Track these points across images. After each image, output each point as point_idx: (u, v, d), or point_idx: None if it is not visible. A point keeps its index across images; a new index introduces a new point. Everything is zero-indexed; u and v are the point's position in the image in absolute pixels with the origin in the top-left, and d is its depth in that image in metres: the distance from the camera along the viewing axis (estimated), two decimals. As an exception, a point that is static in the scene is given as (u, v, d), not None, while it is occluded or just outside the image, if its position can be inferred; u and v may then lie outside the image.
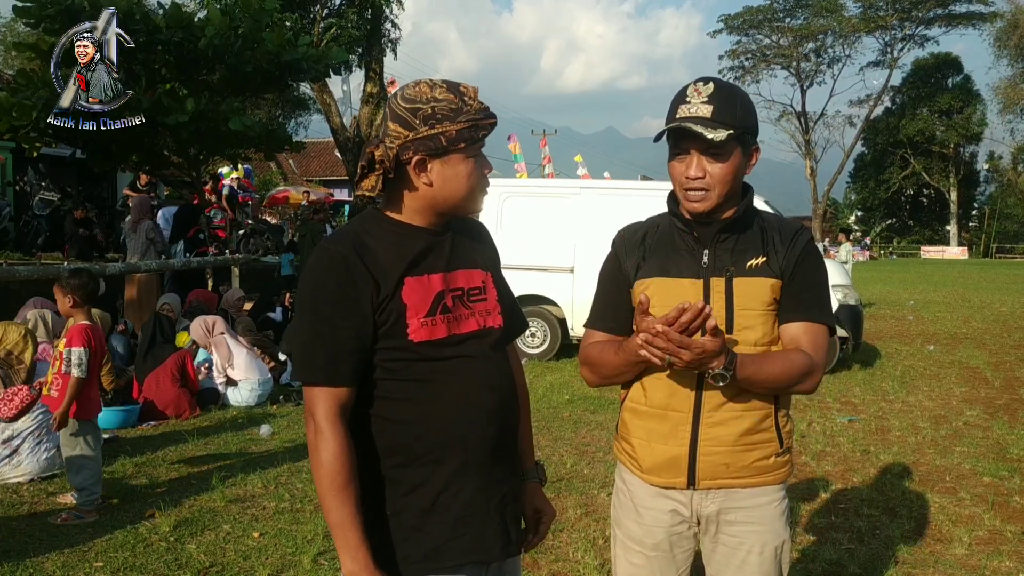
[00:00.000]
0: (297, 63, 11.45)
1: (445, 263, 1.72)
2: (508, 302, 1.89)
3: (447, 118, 1.62)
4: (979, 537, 4.27)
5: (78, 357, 4.30)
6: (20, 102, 9.21)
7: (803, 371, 1.87)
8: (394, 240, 1.68)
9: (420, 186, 1.67)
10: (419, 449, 1.67)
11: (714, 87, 1.85)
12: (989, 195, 63.18)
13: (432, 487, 1.67)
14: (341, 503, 1.58)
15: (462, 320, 1.72)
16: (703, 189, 1.86)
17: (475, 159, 1.69)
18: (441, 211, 1.71)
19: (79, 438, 4.40)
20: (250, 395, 7.32)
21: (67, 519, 4.33)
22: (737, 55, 55.03)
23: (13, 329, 5.33)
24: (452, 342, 1.69)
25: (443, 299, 1.69)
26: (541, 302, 9.80)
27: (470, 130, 1.64)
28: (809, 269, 1.93)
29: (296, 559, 3.84)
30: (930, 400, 7.88)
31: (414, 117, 1.62)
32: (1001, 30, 50.93)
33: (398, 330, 1.63)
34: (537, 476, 1.95)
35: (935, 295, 21.45)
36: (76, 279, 4.51)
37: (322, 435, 1.60)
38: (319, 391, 1.62)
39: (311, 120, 35.88)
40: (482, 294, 1.78)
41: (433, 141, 1.62)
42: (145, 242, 10.47)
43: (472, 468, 1.70)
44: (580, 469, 5.38)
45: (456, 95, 1.65)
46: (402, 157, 1.64)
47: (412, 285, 1.65)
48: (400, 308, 1.63)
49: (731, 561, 1.98)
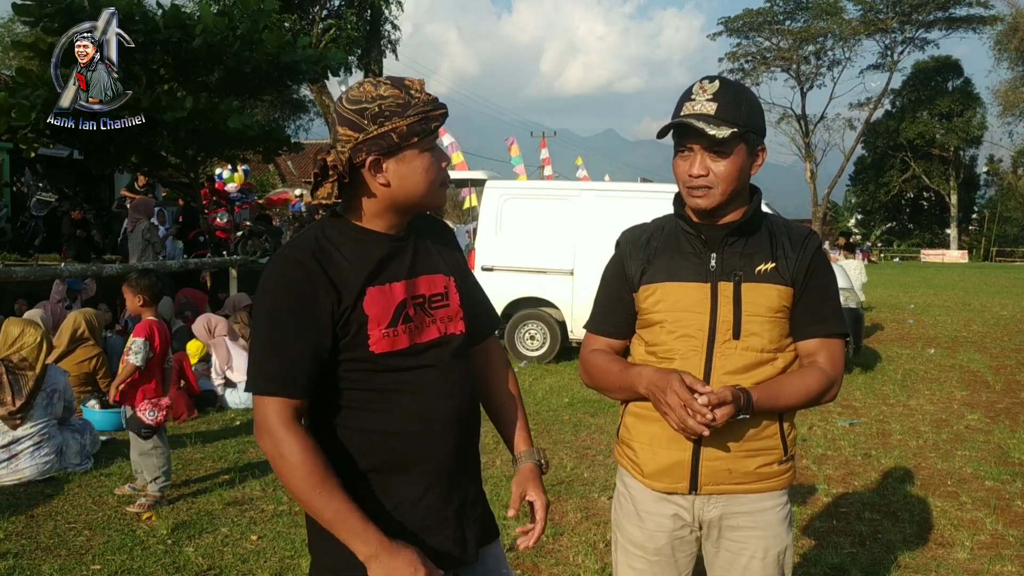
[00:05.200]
0: (296, 64, 11.45)
1: (407, 270, 1.68)
2: (475, 304, 1.85)
3: (396, 114, 1.58)
4: (981, 541, 4.25)
5: (137, 346, 4.59)
6: (19, 102, 9.19)
7: (822, 389, 1.89)
8: (355, 247, 1.64)
9: (377, 188, 1.63)
10: (379, 459, 1.64)
11: (720, 85, 1.84)
12: (989, 198, 63.15)
13: (392, 497, 1.64)
14: (329, 498, 1.52)
15: (423, 328, 1.68)
16: (706, 187, 1.84)
17: (430, 152, 1.64)
18: (402, 210, 1.67)
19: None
20: (249, 397, 7.27)
21: (143, 505, 4.55)
22: (737, 57, 55.04)
23: (31, 332, 5.24)
24: (414, 352, 1.65)
25: (405, 308, 1.65)
26: (541, 304, 9.77)
27: (421, 123, 1.60)
28: (821, 279, 1.92)
29: (294, 562, 3.82)
30: (931, 404, 7.86)
31: (362, 117, 1.58)
32: (1001, 33, 50.91)
33: (359, 341, 1.59)
34: (533, 458, 1.86)
35: (935, 298, 21.44)
36: (145, 280, 4.79)
37: (282, 440, 1.53)
38: (271, 401, 1.56)
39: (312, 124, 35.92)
40: (444, 300, 1.74)
41: (384, 139, 1.58)
42: (142, 242, 10.48)
43: (433, 477, 1.67)
44: (580, 472, 5.35)
45: (402, 90, 1.60)
46: (355, 160, 1.59)
47: (374, 295, 1.61)
48: (361, 319, 1.59)
49: (733, 566, 1.96)
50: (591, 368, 2.04)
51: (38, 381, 5.12)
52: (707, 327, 1.87)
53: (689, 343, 1.88)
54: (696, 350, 1.88)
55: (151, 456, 4.63)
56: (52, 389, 5.25)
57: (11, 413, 5.00)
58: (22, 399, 5.03)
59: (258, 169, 26.86)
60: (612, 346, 2.06)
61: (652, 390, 1.84)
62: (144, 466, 4.65)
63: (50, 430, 5.15)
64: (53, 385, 5.27)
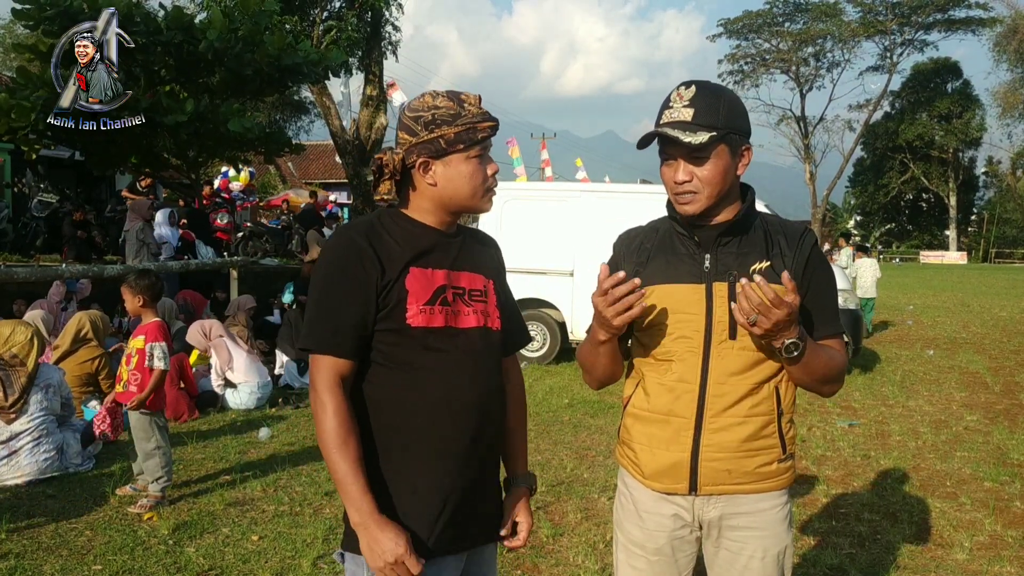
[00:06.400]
0: (297, 66, 11.46)
1: (451, 262, 1.84)
2: (510, 312, 1.97)
3: (445, 123, 1.75)
4: (980, 542, 4.27)
5: (161, 351, 4.61)
6: (19, 103, 9.20)
7: (840, 368, 1.92)
8: (405, 233, 1.81)
9: (425, 187, 1.80)
10: (398, 434, 1.76)
11: (696, 90, 1.85)
12: (988, 200, 63.15)
13: (410, 473, 1.76)
14: (341, 457, 1.67)
15: (461, 315, 1.82)
16: (691, 192, 1.86)
17: (478, 159, 1.80)
18: (449, 209, 1.84)
19: (152, 428, 4.65)
20: (249, 398, 7.30)
21: (144, 506, 4.53)
22: (736, 59, 55.01)
23: (21, 330, 5.27)
24: (449, 334, 1.79)
25: (443, 293, 1.79)
26: (541, 306, 9.80)
27: (468, 132, 1.76)
28: (820, 279, 1.92)
29: (296, 562, 3.83)
30: (930, 405, 7.87)
31: (416, 124, 1.77)
32: (1000, 35, 50.93)
33: (398, 314, 1.74)
34: (527, 482, 2.03)
35: (934, 300, 21.46)
36: (145, 280, 4.76)
37: (321, 400, 1.71)
38: (321, 359, 1.73)
39: (313, 126, 35.90)
40: (483, 296, 1.88)
41: (433, 144, 1.76)
42: (136, 243, 10.51)
43: (447, 457, 1.78)
44: (580, 473, 5.36)
45: (455, 102, 1.78)
46: (407, 161, 1.78)
47: (416, 274, 1.77)
48: (402, 293, 1.74)
49: (733, 566, 1.97)
50: (580, 360, 2.08)
51: (30, 377, 5.14)
52: (703, 328, 1.88)
53: (686, 344, 1.89)
54: (693, 351, 1.89)
55: (152, 457, 4.64)
56: (46, 384, 5.26)
57: (4, 408, 5.03)
58: (15, 395, 5.06)
59: (259, 170, 26.89)
60: None
61: (597, 320, 1.86)
62: (145, 466, 4.66)
63: (48, 426, 5.15)
64: (47, 380, 5.28)
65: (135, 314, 4.96)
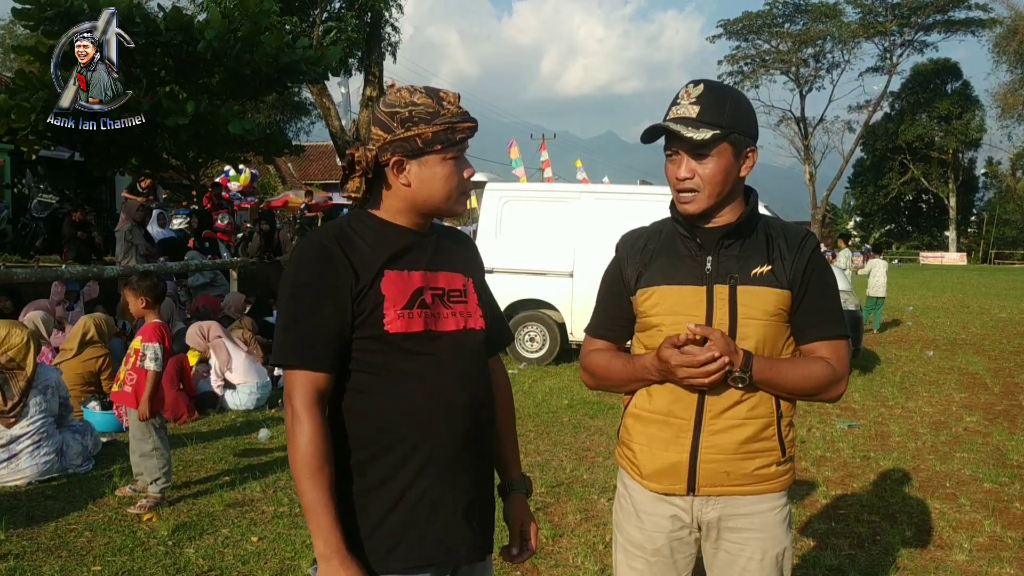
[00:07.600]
0: (295, 65, 11.46)
1: (427, 262, 1.75)
2: (491, 311, 1.89)
3: (423, 121, 1.66)
4: (980, 543, 4.27)
5: (153, 352, 4.56)
6: (19, 104, 9.21)
7: (826, 380, 1.88)
8: (377, 236, 1.72)
9: (399, 187, 1.71)
10: (386, 442, 1.67)
11: (704, 88, 1.86)
12: (988, 201, 63.17)
13: (398, 483, 1.67)
14: (314, 485, 1.59)
15: (440, 318, 1.73)
16: (693, 190, 1.86)
17: (454, 161, 1.71)
18: (422, 211, 1.75)
19: (150, 430, 4.62)
20: (248, 399, 7.29)
21: (143, 507, 4.53)
22: (736, 60, 55.07)
23: (17, 332, 5.25)
24: (429, 338, 1.70)
25: (421, 295, 1.71)
26: (540, 306, 9.78)
27: (446, 132, 1.68)
28: (820, 281, 1.92)
29: (295, 563, 3.83)
30: (930, 406, 7.87)
31: (392, 120, 1.67)
32: (1000, 36, 50.95)
33: (374, 320, 1.65)
34: (523, 488, 1.98)
35: (934, 300, 21.46)
36: (147, 281, 4.75)
37: (298, 420, 1.61)
38: (297, 375, 1.63)
39: (313, 127, 35.92)
40: (462, 297, 1.80)
41: (409, 143, 1.67)
42: (124, 244, 10.52)
43: (437, 466, 1.69)
44: (580, 474, 5.36)
45: (434, 100, 1.69)
46: (381, 159, 1.69)
47: (391, 277, 1.68)
48: (378, 299, 1.65)
49: (732, 567, 1.97)
50: (594, 368, 2.05)
51: (29, 380, 5.12)
52: None
53: None
54: None
55: (151, 457, 4.63)
56: (44, 385, 5.25)
57: (3, 412, 5.02)
58: (14, 399, 5.04)
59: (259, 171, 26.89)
60: (611, 349, 2.08)
61: (661, 372, 1.87)
62: (145, 467, 4.66)
63: (48, 428, 5.15)
64: (45, 382, 5.27)
65: (138, 316, 4.94)
